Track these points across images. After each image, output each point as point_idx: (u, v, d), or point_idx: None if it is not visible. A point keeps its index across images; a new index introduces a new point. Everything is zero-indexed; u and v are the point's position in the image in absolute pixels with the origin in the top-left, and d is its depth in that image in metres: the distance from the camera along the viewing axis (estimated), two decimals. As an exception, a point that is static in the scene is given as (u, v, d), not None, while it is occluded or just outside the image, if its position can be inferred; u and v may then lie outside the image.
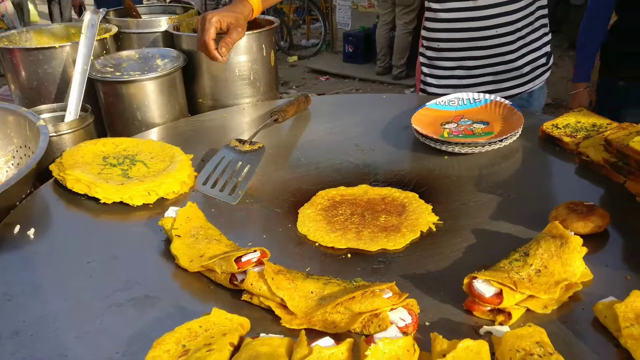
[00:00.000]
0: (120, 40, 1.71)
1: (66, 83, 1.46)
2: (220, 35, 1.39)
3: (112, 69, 1.49)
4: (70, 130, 1.30)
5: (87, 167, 1.15)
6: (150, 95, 1.46)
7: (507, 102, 1.39)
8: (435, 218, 1.03)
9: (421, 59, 1.80)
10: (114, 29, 1.64)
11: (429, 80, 1.78)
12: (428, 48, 1.75)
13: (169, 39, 1.68)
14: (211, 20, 1.35)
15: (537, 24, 1.67)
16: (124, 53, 1.57)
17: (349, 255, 0.95)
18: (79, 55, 1.36)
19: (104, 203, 1.10)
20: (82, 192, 1.11)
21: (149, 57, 1.55)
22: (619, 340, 0.70)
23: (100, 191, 1.09)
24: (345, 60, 6.57)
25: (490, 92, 1.64)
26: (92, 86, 1.48)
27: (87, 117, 1.34)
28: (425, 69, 1.79)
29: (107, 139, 1.27)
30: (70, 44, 1.48)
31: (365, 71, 6.24)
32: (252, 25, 1.70)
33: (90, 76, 1.40)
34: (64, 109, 1.36)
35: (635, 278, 0.84)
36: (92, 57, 1.42)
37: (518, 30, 1.62)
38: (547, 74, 1.75)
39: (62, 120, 1.33)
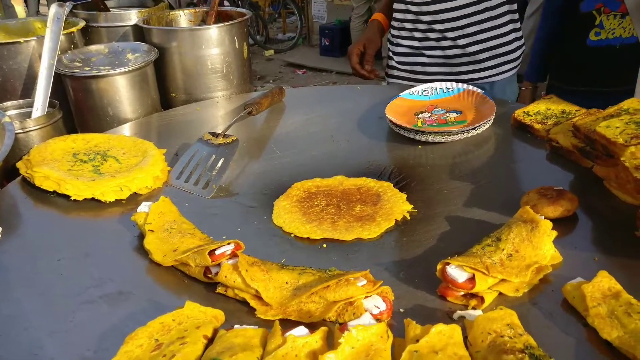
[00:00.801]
0: (89, 35, 1.67)
1: (33, 79, 1.42)
2: None
3: (81, 64, 1.45)
4: (37, 127, 1.27)
5: (56, 164, 1.13)
6: (122, 90, 1.43)
7: (479, 90, 1.41)
8: (409, 206, 1.04)
9: (388, 38, 1.83)
10: (82, 23, 1.61)
11: (392, 61, 1.80)
12: (393, 27, 1.77)
13: (140, 33, 1.65)
14: (357, 48, 1.72)
15: (504, 19, 1.65)
16: (93, 47, 1.54)
17: (325, 245, 0.95)
18: (44, 49, 1.33)
19: (75, 200, 1.08)
20: (52, 190, 1.09)
21: (119, 51, 1.52)
22: (587, 320, 0.71)
23: (70, 188, 1.07)
24: (322, 54, 6.55)
25: (443, 74, 1.66)
26: (60, 82, 1.44)
27: (55, 113, 1.31)
28: (390, 47, 1.81)
29: (77, 135, 1.25)
30: (35, 38, 1.44)
31: (343, 64, 6.23)
32: (224, 17, 1.69)
33: (57, 71, 1.36)
34: (31, 106, 1.32)
35: (603, 259, 0.86)
36: (59, 52, 1.38)
37: (476, 14, 1.62)
38: (513, 65, 1.73)
39: (29, 117, 1.30)
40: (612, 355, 0.67)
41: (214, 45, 1.55)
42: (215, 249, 0.85)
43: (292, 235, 0.98)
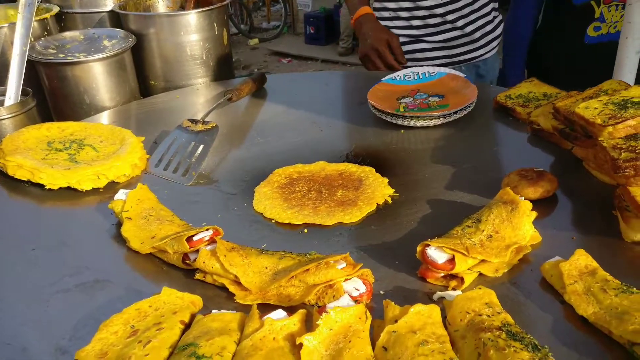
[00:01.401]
0: (63, 21, 1.63)
1: (5, 66, 1.38)
2: None
3: (55, 51, 1.42)
4: (10, 115, 1.23)
5: (29, 152, 1.10)
6: (98, 77, 1.40)
7: (461, 74, 1.40)
8: (391, 191, 1.04)
9: None
10: (55, 9, 1.56)
11: None
12: (383, 19, 1.75)
13: (116, 19, 1.61)
14: (385, 43, 1.62)
15: None
16: (68, 34, 1.50)
17: (306, 230, 0.95)
18: (16, 36, 1.29)
19: (50, 189, 1.05)
20: (25, 179, 1.06)
21: (94, 38, 1.49)
22: (564, 297, 0.72)
23: (44, 177, 1.05)
24: (307, 42, 6.50)
25: (443, 57, 1.66)
26: (34, 70, 1.41)
27: (28, 101, 1.28)
28: None
29: (51, 123, 1.22)
30: (7, 25, 1.40)
31: (328, 52, 6.20)
32: (203, 2, 1.66)
33: (31, 58, 1.33)
34: (3, 94, 1.29)
35: (581, 238, 0.86)
36: (32, 39, 1.35)
37: None
38: (498, 41, 1.79)
39: (2, 105, 1.27)
40: (588, 331, 0.68)
41: (193, 31, 1.53)
42: (193, 235, 0.83)
43: (273, 221, 0.97)
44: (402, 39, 1.71)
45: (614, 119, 0.90)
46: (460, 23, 1.67)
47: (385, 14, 1.73)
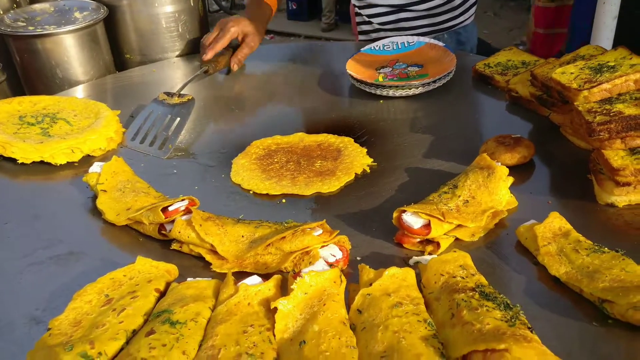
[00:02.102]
0: (34, -7, 1.58)
1: (-27, 40, 1.35)
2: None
3: (25, 24, 1.37)
4: (-21, 89, 1.20)
5: (0, 127, 1.07)
6: (70, 50, 1.37)
7: (440, 43, 1.39)
8: (369, 160, 1.03)
9: (354, 2, 1.76)
10: (25, -20, 1.51)
11: (371, 24, 1.74)
12: None
13: (88, -10, 1.56)
14: (230, 30, 1.38)
15: None
16: (37, 6, 1.46)
17: (284, 200, 0.94)
18: (-17, 8, 1.25)
19: (23, 163, 1.03)
20: (-3, 154, 1.04)
21: (65, 10, 1.44)
22: (537, 259, 0.73)
23: (17, 151, 1.02)
24: (290, 18, 6.39)
25: (427, 26, 1.63)
26: (4, 43, 1.36)
27: (-2, 75, 1.25)
28: (364, 11, 1.74)
29: (23, 97, 1.19)
30: (-26, -3, 1.35)
31: (311, 28, 6.11)
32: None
33: (-1, 31, 1.29)
34: (-28, 68, 1.25)
35: (556, 202, 0.87)
36: (0, 11, 1.30)
37: None
38: (475, 7, 1.77)
39: (-29, 79, 1.23)
40: (560, 290, 0.69)
41: (167, 2, 1.49)
42: (168, 206, 0.82)
43: (251, 192, 0.97)
44: (385, 9, 1.68)
45: (590, 83, 0.90)
46: None
47: None
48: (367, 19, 1.71)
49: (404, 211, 0.80)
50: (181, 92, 1.23)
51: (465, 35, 1.74)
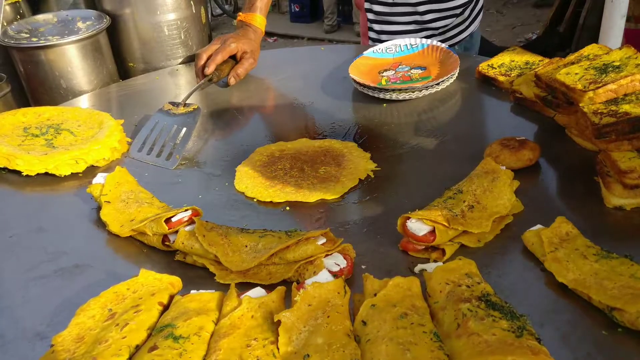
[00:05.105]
0: (36, 4, 1.58)
1: (-23, 52, 1.36)
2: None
3: (28, 35, 1.38)
4: (-16, 102, 1.21)
5: (5, 139, 1.08)
6: (73, 60, 1.37)
7: (443, 45, 1.38)
8: (373, 165, 1.03)
9: (369, 16, 1.74)
10: (28, -9, 1.52)
11: (382, 37, 1.72)
12: (376, 2, 1.68)
13: (90, 1, 1.57)
14: (230, 46, 1.36)
15: None
16: (41, 17, 1.46)
17: (288, 208, 0.94)
18: (-14, 20, 1.26)
19: (28, 175, 1.04)
20: (2, 166, 1.04)
21: (68, 20, 1.45)
22: (544, 265, 0.71)
23: (21, 163, 1.03)
24: (293, 20, 6.39)
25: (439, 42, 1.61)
26: (8, 55, 1.37)
27: (2, 87, 1.26)
28: (375, 26, 1.72)
29: (27, 108, 1.19)
30: (-23, 9, 1.36)
31: (313, 30, 6.10)
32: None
33: (2, 43, 1.29)
34: (-23, 80, 1.26)
35: (563, 205, 0.86)
36: (4, 23, 1.31)
37: None
38: (481, 14, 1.76)
39: (-25, 92, 1.24)
40: (569, 298, 0.68)
41: (169, 10, 1.49)
42: (172, 217, 0.82)
43: (255, 200, 0.96)
44: (400, 27, 1.65)
45: (595, 84, 0.89)
46: (462, 8, 1.64)
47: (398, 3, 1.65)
48: (377, 36, 1.70)
49: (409, 218, 0.79)
50: (186, 102, 1.23)
51: (471, 42, 1.73)
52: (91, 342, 0.59)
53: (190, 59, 1.57)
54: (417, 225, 0.78)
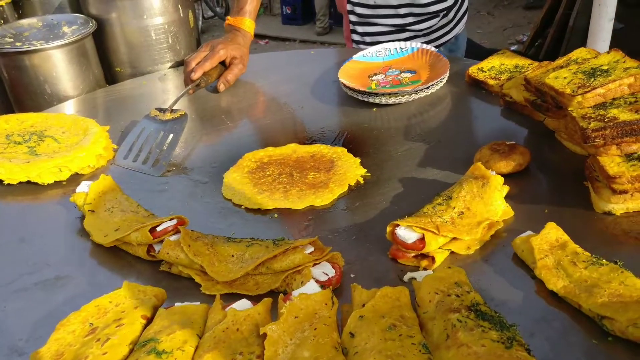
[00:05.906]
0: (21, 8, 1.55)
1: (-41, 57, 1.33)
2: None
3: (12, 39, 1.36)
4: (-34, 108, 1.18)
5: (-14, 147, 1.06)
6: (59, 65, 1.35)
7: (433, 49, 1.37)
8: (362, 171, 1.02)
9: (351, 18, 1.72)
10: (12, -4, 1.50)
11: (366, 39, 1.71)
12: (358, 5, 1.66)
13: (76, 5, 1.55)
14: (219, 52, 1.34)
15: None
16: (25, 21, 1.44)
17: (276, 215, 0.92)
18: (-31, 25, 1.23)
19: (9, 184, 1.01)
20: (-17, 175, 1.02)
21: (53, 24, 1.43)
22: (534, 272, 0.71)
23: (2, 171, 1.00)
24: (285, 23, 6.38)
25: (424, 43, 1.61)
26: (-9, 60, 1.35)
27: (-16, 93, 1.23)
28: (359, 28, 1.71)
29: (9, 115, 1.17)
30: (-40, 14, 1.34)
31: (305, 32, 6.09)
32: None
33: (-15, 48, 1.27)
34: (-42, 87, 1.23)
35: (553, 211, 0.85)
36: (-13, 28, 1.29)
37: None
38: (466, 16, 1.76)
39: (-43, 98, 1.22)
40: (559, 306, 0.67)
41: (156, 14, 1.47)
42: (157, 226, 0.81)
43: (243, 207, 0.95)
44: (384, 28, 1.65)
45: (583, 88, 0.89)
46: (444, 12, 1.64)
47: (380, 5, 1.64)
48: (361, 38, 1.69)
49: (398, 225, 0.78)
50: (173, 108, 1.21)
51: (457, 44, 1.74)
52: (70, 359, 0.57)
53: (178, 64, 1.55)
54: (406, 233, 0.77)
